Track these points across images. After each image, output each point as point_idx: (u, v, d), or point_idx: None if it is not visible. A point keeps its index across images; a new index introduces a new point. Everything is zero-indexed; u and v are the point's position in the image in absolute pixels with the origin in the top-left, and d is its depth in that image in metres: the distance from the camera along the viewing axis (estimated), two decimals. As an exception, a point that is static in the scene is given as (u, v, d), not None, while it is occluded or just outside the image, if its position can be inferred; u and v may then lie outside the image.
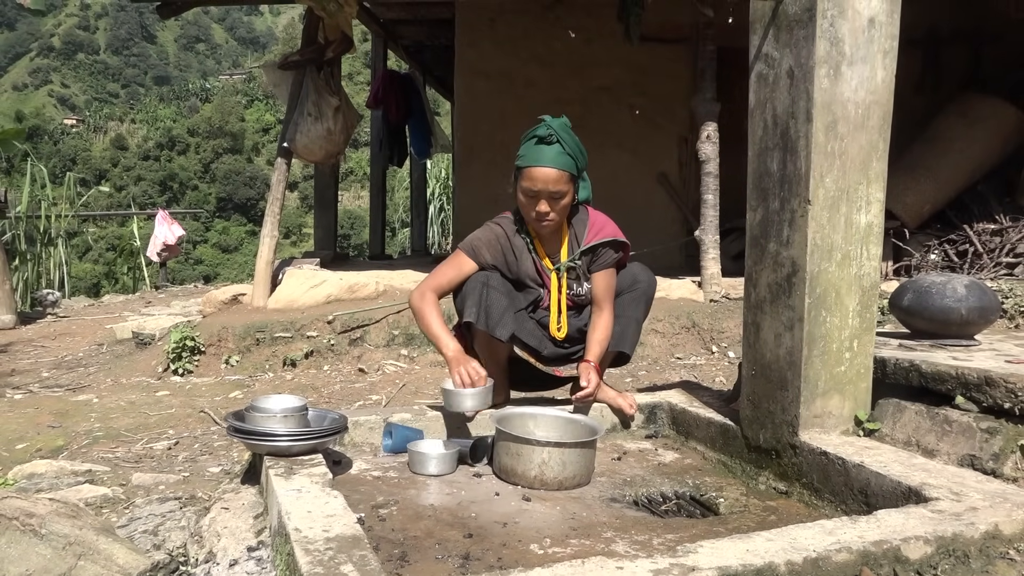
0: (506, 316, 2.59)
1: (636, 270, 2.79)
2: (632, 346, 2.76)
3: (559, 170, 2.50)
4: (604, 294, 2.68)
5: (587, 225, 2.69)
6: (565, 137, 2.52)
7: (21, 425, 3.53)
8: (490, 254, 2.66)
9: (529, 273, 2.68)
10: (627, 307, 2.73)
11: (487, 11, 7.02)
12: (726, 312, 4.93)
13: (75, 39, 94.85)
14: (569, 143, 2.53)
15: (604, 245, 2.66)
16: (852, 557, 1.56)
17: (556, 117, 2.59)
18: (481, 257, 2.65)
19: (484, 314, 2.56)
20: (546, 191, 2.52)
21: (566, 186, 2.53)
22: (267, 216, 5.91)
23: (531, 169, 2.52)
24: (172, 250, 10.80)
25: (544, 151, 2.52)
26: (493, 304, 2.58)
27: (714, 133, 5.44)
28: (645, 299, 2.78)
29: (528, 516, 2.10)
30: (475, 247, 2.66)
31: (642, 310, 2.78)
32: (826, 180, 2.14)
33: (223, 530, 2.03)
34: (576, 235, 2.68)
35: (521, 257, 2.68)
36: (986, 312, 2.53)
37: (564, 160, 2.51)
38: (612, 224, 2.71)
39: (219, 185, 54.85)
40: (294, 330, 4.88)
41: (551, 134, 2.52)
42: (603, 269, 2.68)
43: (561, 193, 2.53)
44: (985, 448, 2.05)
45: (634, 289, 2.75)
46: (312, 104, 5.84)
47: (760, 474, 2.36)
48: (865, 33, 2.14)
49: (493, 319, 2.57)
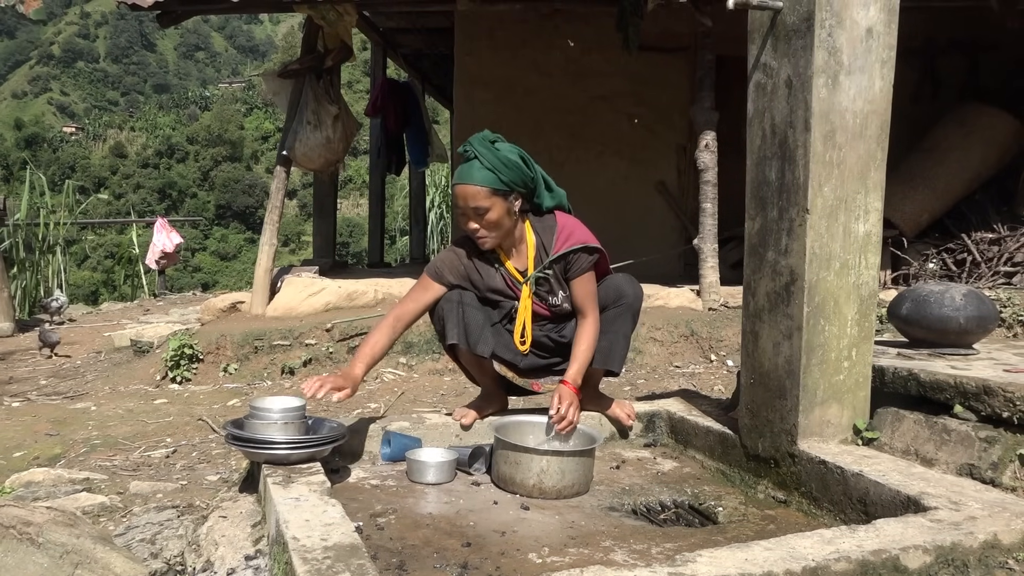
0: (485, 332, 2.57)
1: (621, 282, 2.71)
2: (620, 363, 2.71)
3: (476, 185, 2.45)
4: (585, 300, 2.61)
5: (555, 232, 2.62)
6: (482, 151, 2.47)
7: (19, 433, 3.52)
8: (452, 276, 2.63)
9: (498, 288, 2.65)
10: (613, 322, 2.67)
11: (486, 20, 7.04)
12: (725, 321, 4.93)
13: (75, 47, 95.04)
14: (487, 157, 2.45)
15: (576, 252, 2.59)
16: (851, 566, 1.56)
17: (470, 142, 2.52)
18: (444, 279, 2.63)
19: (464, 333, 2.55)
20: (468, 207, 2.49)
21: (487, 201, 2.46)
22: (266, 224, 5.91)
23: (454, 188, 2.53)
24: (171, 258, 10.80)
25: (463, 168, 2.50)
26: (471, 322, 2.56)
27: (713, 142, 5.45)
28: (631, 313, 2.71)
29: (526, 525, 2.09)
30: (438, 270, 2.64)
31: (629, 324, 2.71)
32: (824, 189, 2.15)
33: (221, 539, 2.03)
34: (543, 244, 2.62)
35: (486, 273, 2.64)
36: (984, 321, 2.53)
37: (482, 175, 2.45)
38: (582, 229, 2.63)
39: (218, 193, 54.83)
40: (292, 338, 4.88)
41: (467, 150, 2.50)
42: (579, 275, 2.60)
43: (483, 208, 2.46)
44: (984, 457, 2.05)
45: (619, 304, 2.68)
46: (311, 112, 5.85)
47: (759, 483, 2.36)
48: (863, 43, 2.14)
49: (473, 337, 2.55)
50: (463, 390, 4.21)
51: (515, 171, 2.48)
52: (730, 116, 4.94)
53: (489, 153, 2.46)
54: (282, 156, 5.94)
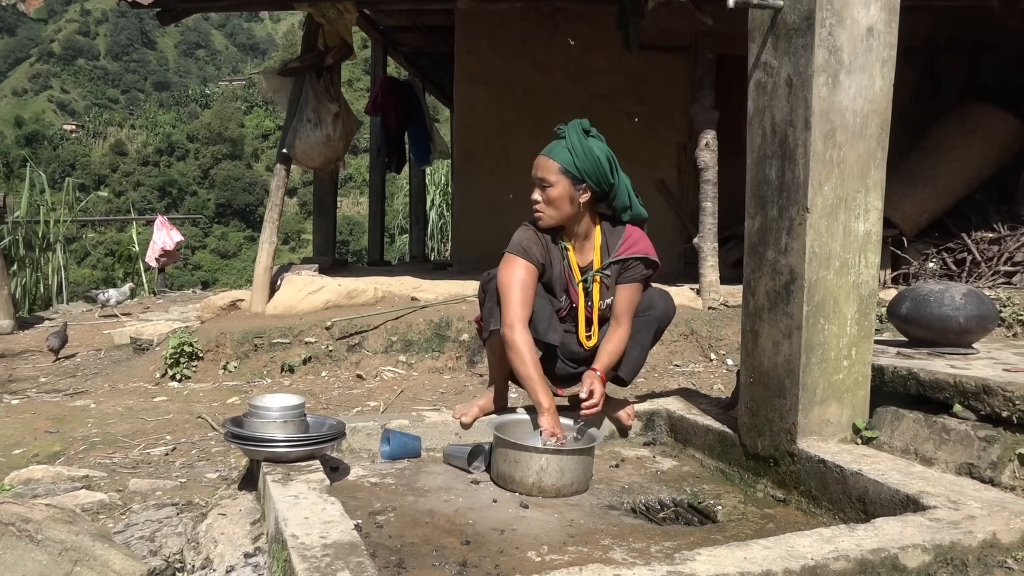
0: (553, 321, 2.60)
1: (654, 295, 2.74)
2: (632, 373, 2.72)
3: (551, 159, 2.52)
4: (625, 309, 2.63)
5: (621, 238, 2.64)
6: (571, 135, 2.53)
7: (18, 430, 3.52)
8: (538, 250, 2.61)
9: (560, 279, 2.66)
10: (636, 332, 2.68)
11: (487, 19, 7.03)
12: (724, 319, 4.93)
13: (75, 45, 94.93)
14: (574, 141, 2.51)
15: (635, 260, 2.62)
16: (850, 565, 1.56)
17: (568, 124, 2.59)
18: (532, 255, 2.59)
19: (533, 320, 2.55)
20: (536, 177, 2.54)
21: (554, 176, 2.50)
22: (266, 222, 5.91)
23: (537, 159, 2.57)
24: (171, 256, 10.80)
25: (551, 144, 2.57)
26: (539, 309, 2.57)
27: (713, 141, 5.45)
28: (657, 326, 2.73)
29: (526, 523, 2.09)
30: (525, 247, 2.60)
31: (651, 337, 2.73)
32: (824, 188, 2.15)
33: (220, 536, 2.03)
34: (608, 246, 2.64)
35: (555, 261, 2.66)
36: (984, 321, 2.53)
37: (560, 153, 2.51)
38: (647, 242, 2.66)
39: (218, 191, 54.80)
40: (292, 336, 4.88)
41: (560, 130, 2.57)
42: (629, 283, 2.63)
43: (548, 182, 2.51)
44: (983, 456, 2.05)
45: (647, 315, 2.69)
46: (311, 110, 5.85)
47: (758, 482, 2.36)
48: (863, 42, 2.14)
49: (543, 324, 2.56)
50: (462, 388, 4.21)
51: (592, 164, 2.51)
52: (730, 115, 4.93)
53: (577, 139, 2.52)
54: (282, 154, 5.94)
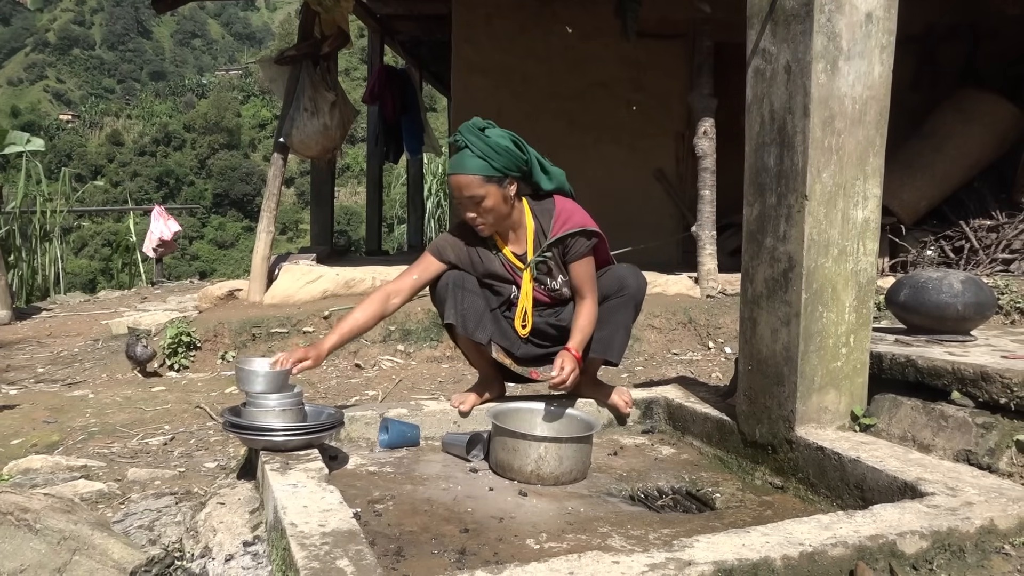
0: (484, 318, 2.58)
1: (624, 272, 2.69)
2: (619, 353, 2.69)
3: (468, 175, 2.45)
4: (584, 283, 2.60)
5: (553, 215, 2.60)
6: (472, 139, 2.46)
7: (16, 420, 3.52)
8: (454, 254, 2.63)
9: (496, 272, 2.64)
10: (614, 312, 2.66)
11: (484, 7, 7.00)
12: (723, 308, 4.93)
13: (70, 34, 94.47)
14: (478, 145, 2.44)
15: (573, 235, 2.57)
16: (848, 552, 1.56)
17: (460, 130, 2.51)
18: (446, 257, 2.62)
19: (462, 317, 2.54)
20: (463, 197, 2.48)
21: (482, 189, 2.45)
22: (263, 212, 5.90)
23: (448, 178, 2.55)
24: (168, 246, 10.76)
25: (455, 158, 2.51)
26: (470, 307, 2.56)
27: (711, 129, 5.44)
28: (633, 304, 2.69)
29: (524, 511, 2.10)
30: (440, 248, 2.64)
31: (630, 315, 2.70)
32: (823, 175, 2.14)
33: (219, 525, 2.03)
34: (542, 227, 2.60)
35: (486, 258, 2.64)
36: (982, 308, 2.54)
37: (474, 164, 2.44)
38: (581, 212, 2.61)
39: (215, 181, 54.69)
40: (290, 325, 4.88)
41: (458, 139, 2.50)
42: (578, 259, 2.59)
43: (478, 197, 2.46)
44: (981, 443, 2.06)
45: (621, 294, 2.66)
46: (308, 99, 5.83)
47: (756, 469, 2.36)
48: (862, 28, 2.13)
49: (471, 323, 2.55)
50: (461, 377, 4.21)
51: (507, 156, 2.46)
52: (729, 103, 4.92)
53: (479, 141, 2.45)
54: (279, 143, 5.92)
